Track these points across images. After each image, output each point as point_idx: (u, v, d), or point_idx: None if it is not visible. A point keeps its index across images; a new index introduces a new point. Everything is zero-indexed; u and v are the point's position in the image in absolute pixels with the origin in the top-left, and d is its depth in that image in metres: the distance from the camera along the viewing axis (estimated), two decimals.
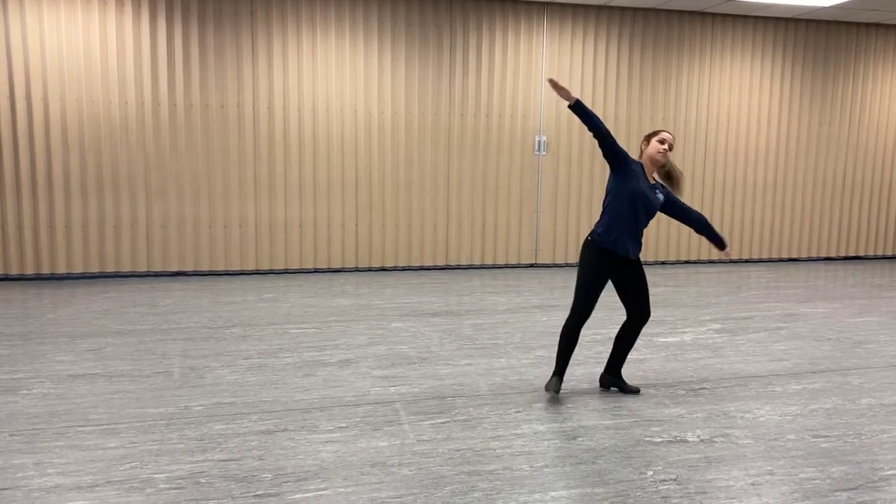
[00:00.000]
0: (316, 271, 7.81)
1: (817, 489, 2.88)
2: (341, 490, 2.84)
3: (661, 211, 3.89)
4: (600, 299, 4.03)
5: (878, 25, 8.89)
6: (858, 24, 8.84)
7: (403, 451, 3.20)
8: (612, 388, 4.07)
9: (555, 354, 4.29)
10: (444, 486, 2.88)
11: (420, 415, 3.65)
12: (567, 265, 8.47)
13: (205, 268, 7.50)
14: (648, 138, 3.89)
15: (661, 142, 3.82)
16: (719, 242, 4.02)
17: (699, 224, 3.97)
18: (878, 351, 4.95)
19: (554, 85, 3.70)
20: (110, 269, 7.28)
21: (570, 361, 4.12)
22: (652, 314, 5.25)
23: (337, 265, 7.84)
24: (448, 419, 3.59)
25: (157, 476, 2.93)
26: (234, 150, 7.40)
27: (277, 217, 7.59)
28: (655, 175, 3.92)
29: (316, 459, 3.12)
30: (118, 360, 4.49)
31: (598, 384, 4.16)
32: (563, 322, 4.18)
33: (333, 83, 7.53)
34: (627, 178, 3.76)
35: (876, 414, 3.73)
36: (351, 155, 7.69)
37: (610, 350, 4.20)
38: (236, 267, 7.58)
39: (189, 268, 7.47)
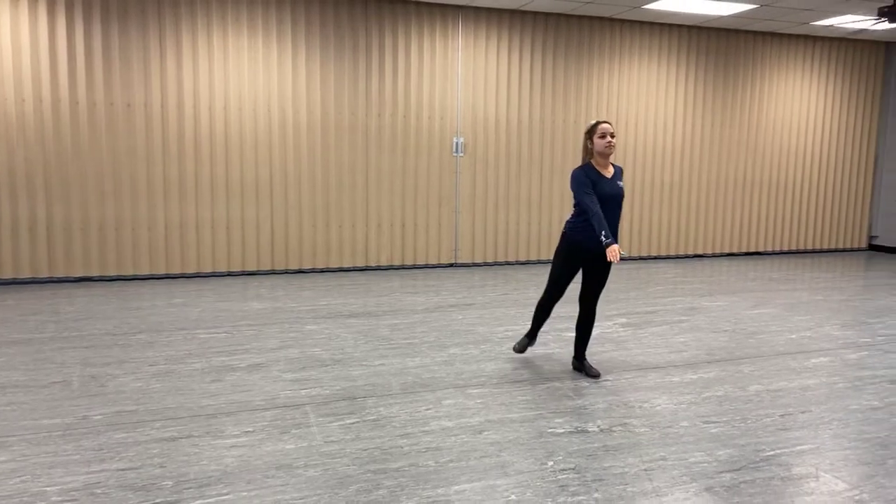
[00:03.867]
0: (229, 274, 7.65)
1: (704, 472, 3.06)
2: (244, 494, 2.81)
3: None
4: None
5: (772, 34, 9.44)
6: (755, 33, 9.36)
7: (310, 453, 3.20)
8: (579, 371, 4.42)
9: (469, 352, 4.78)
10: (350, 485, 2.90)
11: (329, 416, 3.65)
12: (486, 264, 8.61)
13: (111, 272, 7.23)
14: (590, 135, 4.07)
15: (603, 136, 4.03)
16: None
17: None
18: (769, 341, 5.27)
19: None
20: (7, 275, 6.91)
21: (485, 358, 4.53)
22: (568, 310, 5.43)
23: (251, 268, 7.70)
24: (358, 419, 3.61)
25: (48, 489, 2.83)
26: (142, 150, 7.16)
27: (188, 219, 7.39)
28: (610, 167, 4.12)
29: (220, 465, 3.07)
30: (12, 371, 4.28)
31: (508, 379, 4.27)
32: (477, 319, 5.42)
33: (246, 82, 7.40)
34: (594, 189, 4.00)
35: (762, 399, 3.98)
36: (265, 155, 7.57)
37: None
38: (145, 271, 7.33)
39: (94, 273, 7.18)
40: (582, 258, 4.19)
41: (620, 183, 4.11)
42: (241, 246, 7.62)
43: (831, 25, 8.61)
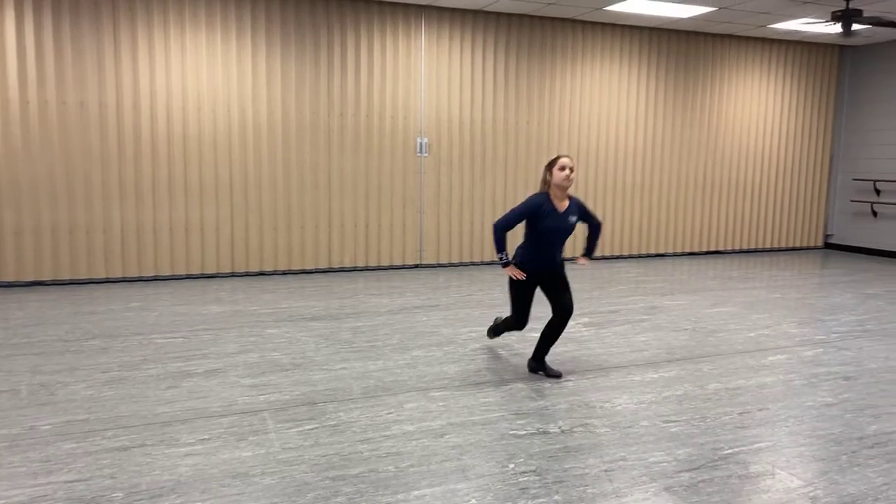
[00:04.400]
0: (188, 277, 7.50)
1: (664, 471, 3.07)
2: None
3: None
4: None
5: (731, 37, 9.60)
6: (714, 35, 9.51)
7: (267, 461, 3.13)
8: (538, 373, 4.38)
9: (432, 354, 4.83)
10: (307, 493, 2.84)
11: (288, 422, 3.58)
12: (451, 265, 8.59)
13: (65, 276, 7.03)
14: (550, 167, 4.15)
15: (562, 168, 4.10)
16: (588, 251, 4.48)
17: (593, 230, 4.42)
18: (727, 339, 5.34)
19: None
20: None
21: (449, 360, 4.66)
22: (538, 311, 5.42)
23: (211, 270, 7.56)
24: (317, 425, 3.55)
25: None
26: (97, 151, 6.97)
27: (145, 221, 7.22)
28: (566, 200, 4.20)
29: (173, 474, 2.99)
30: None
31: (471, 381, 4.25)
32: (442, 321, 5.59)
33: (205, 81, 7.26)
34: (539, 222, 4.13)
35: (721, 398, 4.02)
36: (225, 155, 7.43)
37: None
38: (100, 275, 7.14)
39: (47, 277, 6.97)
40: (533, 281, 4.31)
41: (573, 218, 4.22)
42: (200, 248, 7.47)
43: (788, 29, 8.79)
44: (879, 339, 5.41)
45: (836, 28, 7.60)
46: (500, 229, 4.13)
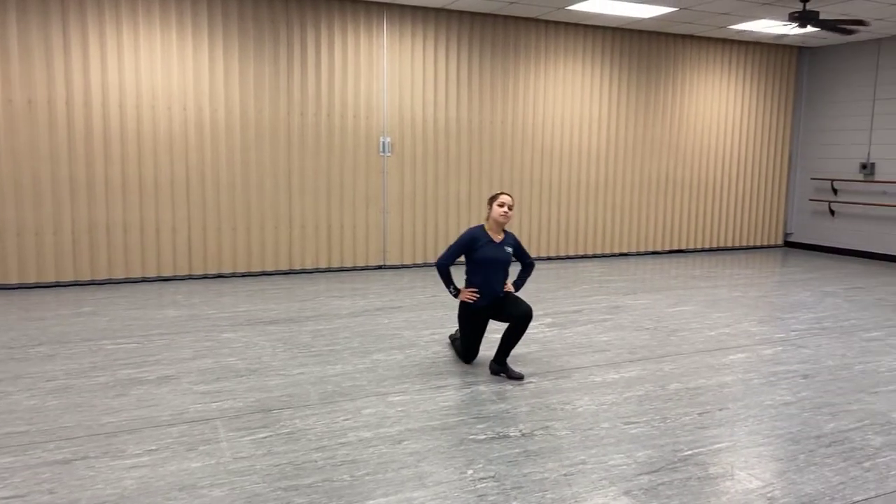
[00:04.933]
0: (143, 280, 7.29)
1: (623, 475, 3.04)
2: None
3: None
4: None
5: (692, 37, 9.69)
6: (675, 36, 9.58)
7: (217, 472, 3.02)
8: (500, 374, 4.36)
9: (393, 357, 4.77)
10: None
11: (241, 431, 3.46)
12: (415, 266, 8.50)
13: (12, 280, 6.77)
14: (490, 202, 4.42)
15: (501, 205, 4.36)
16: (517, 285, 4.55)
17: (526, 268, 4.62)
18: (689, 338, 5.36)
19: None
20: None
21: (410, 363, 4.61)
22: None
23: (167, 273, 7.36)
24: (271, 433, 3.44)
25: None
26: (45, 149, 6.73)
27: (98, 222, 7.00)
28: (502, 233, 4.47)
29: (117, 488, 2.86)
30: None
31: (431, 385, 4.17)
32: (404, 323, 5.60)
33: (159, 78, 7.06)
34: (475, 252, 4.39)
35: (681, 398, 4.01)
36: (181, 154, 7.24)
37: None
38: (50, 278, 6.90)
39: None
40: (480, 314, 4.45)
41: (508, 249, 4.44)
42: (155, 250, 7.27)
43: (747, 30, 8.89)
44: (837, 336, 5.47)
45: (795, 29, 7.71)
46: (443, 266, 4.41)
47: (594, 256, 9.57)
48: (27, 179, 6.69)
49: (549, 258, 9.27)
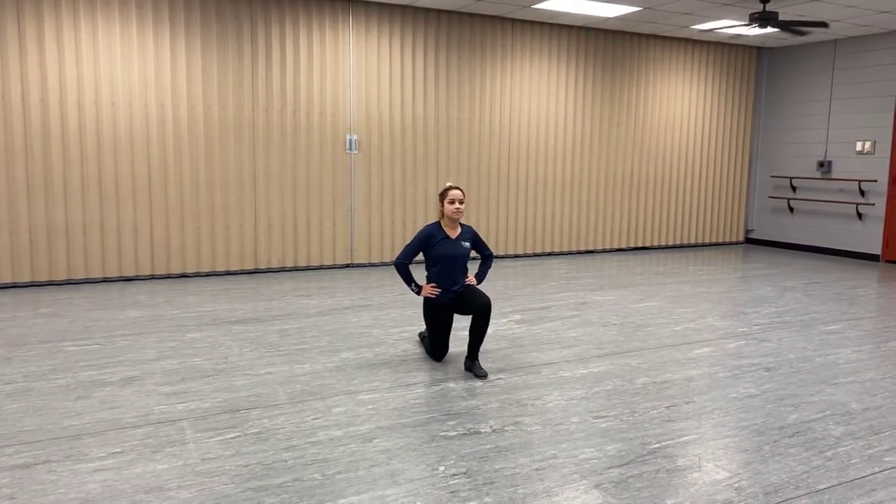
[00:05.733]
0: (105, 281, 7.12)
1: (594, 468, 3.06)
2: None
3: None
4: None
5: (656, 37, 9.82)
6: (640, 35, 9.71)
7: (185, 473, 2.96)
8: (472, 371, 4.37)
9: (362, 356, 4.74)
10: None
11: (208, 431, 3.40)
12: (384, 264, 8.46)
13: None
14: (441, 199, 4.45)
15: (452, 202, 4.39)
16: (479, 277, 4.60)
17: (485, 260, 4.68)
18: (655, 333, 5.43)
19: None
20: None
21: (379, 362, 4.58)
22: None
23: (129, 273, 7.20)
24: (239, 433, 3.38)
25: None
26: (0, 148, 6.52)
27: (56, 221, 6.81)
28: (458, 228, 4.51)
29: (80, 492, 2.78)
30: None
31: (401, 383, 4.16)
32: (373, 321, 5.63)
33: (119, 74, 6.90)
34: (433, 249, 4.42)
35: (649, 392, 4.07)
36: (142, 152, 7.09)
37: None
38: (6, 279, 6.69)
39: None
40: (445, 312, 4.47)
41: (466, 244, 4.48)
42: (117, 250, 7.10)
43: (710, 30, 9.05)
44: (797, 330, 5.61)
45: (755, 30, 7.87)
46: (401, 265, 4.41)
47: (561, 254, 9.65)
48: None
49: (516, 256, 9.32)
